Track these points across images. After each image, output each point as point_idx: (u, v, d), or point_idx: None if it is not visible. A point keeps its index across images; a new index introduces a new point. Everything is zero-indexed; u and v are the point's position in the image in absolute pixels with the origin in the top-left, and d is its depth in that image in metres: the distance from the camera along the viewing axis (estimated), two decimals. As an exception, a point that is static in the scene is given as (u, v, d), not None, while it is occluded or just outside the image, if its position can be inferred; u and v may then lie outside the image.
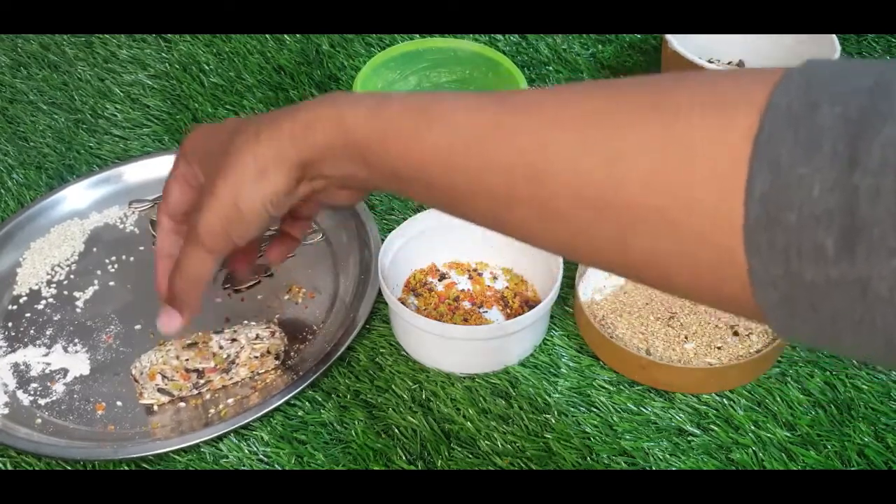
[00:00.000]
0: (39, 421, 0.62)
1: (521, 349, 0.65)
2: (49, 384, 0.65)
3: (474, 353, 0.64)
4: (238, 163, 0.46)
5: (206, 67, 0.93)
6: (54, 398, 0.64)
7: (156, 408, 0.63)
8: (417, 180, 0.42)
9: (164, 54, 0.95)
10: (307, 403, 0.63)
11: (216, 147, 0.49)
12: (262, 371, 0.64)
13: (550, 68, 0.92)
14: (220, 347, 0.63)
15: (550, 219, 0.38)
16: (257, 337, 0.64)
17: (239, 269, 0.57)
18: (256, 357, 0.64)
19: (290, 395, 0.62)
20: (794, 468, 0.59)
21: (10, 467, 0.60)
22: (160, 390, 0.62)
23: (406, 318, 0.64)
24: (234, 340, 0.64)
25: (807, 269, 0.29)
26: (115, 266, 0.74)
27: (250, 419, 0.60)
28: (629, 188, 0.34)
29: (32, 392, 0.64)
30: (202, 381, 0.63)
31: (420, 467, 0.59)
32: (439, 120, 0.41)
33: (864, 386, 0.62)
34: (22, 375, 0.65)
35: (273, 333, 0.65)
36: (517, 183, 0.38)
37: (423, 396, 0.63)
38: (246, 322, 0.66)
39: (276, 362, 0.65)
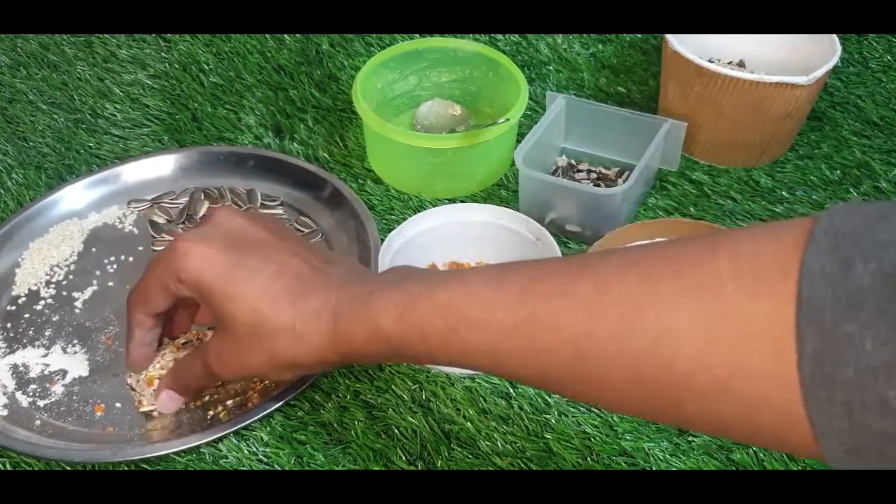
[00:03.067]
0: (38, 423, 0.62)
1: (521, 349, 0.65)
2: (48, 385, 0.65)
3: (474, 353, 0.64)
4: (276, 359, 0.50)
5: (206, 67, 0.93)
6: (53, 399, 0.64)
7: (156, 414, 0.62)
8: (461, 365, 0.44)
9: (163, 54, 0.95)
10: (307, 404, 0.63)
11: (240, 309, 0.50)
12: None
13: (550, 68, 0.92)
14: None
15: (601, 391, 0.39)
16: None
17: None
18: None
19: (290, 396, 0.61)
20: (795, 468, 0.58)
21: (9, 467, 0.60)
22: None
23: (406, 319, 0.64)
24: None
25: (873, 421, 0.30)
26: (114, 266, 0.73)
27: (250, 421, 0.60)
28: (683, 365, 0.35)
29: (31, 393, 0.64)
30: None
31: (420, 467, 0.59)
32: (474, 319, 0.42)
33: (864, 386, 0.62)
34: (21, 377, 0.65)
35: None
36: (564, 363, 0.39)
37: (423, 397, 0.63)
38: None
39: None
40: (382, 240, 0.70)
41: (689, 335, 0.34)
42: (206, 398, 0.63)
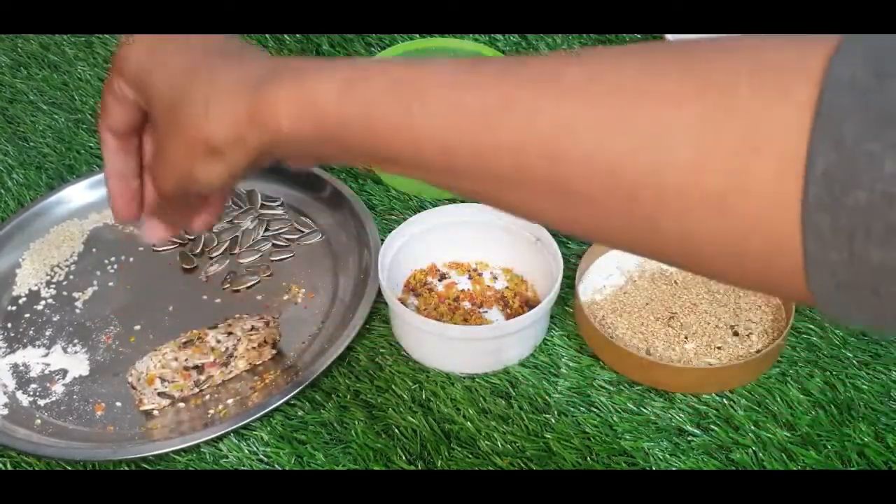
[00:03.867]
0: (39, 422, 0.62)
1: (521, 349, 0.65)
2: (48, 385, 0.65)
3: (474, 353, 0.64)
4: (188, 138, 0.42)
5: (206, 67, 0.93)
6: (54, 399, 0.64)
7: (156, 412, 0.62)
8: (406, 162, 0.37)
9: (163, 54, 0.95)
10: (307, 403, 0.63)
11: (160, 85, 0.44)
12: (260, 363, 0.65)
13: (550, 68, 0.92)
14: (218, 342, 0.63)
15: (566, 201, 0.34)
16: (252, 328, 0.64)
17: (207, 218, 0.53)
18: (254, 347, 0.64)
19: (290, 395, 0.62)
20: (794, 468, 0.59)
21: (10, 467, 0.60)
22: (160, 394, 0.62)
23: (406, 319, 0.64)
24: (230, 334, 0.63)
25: (874, 252, 0.26)
26: (114, 267, 0.73)
27: (250, 419, 0.60)
28: (670, 172, 0.30)
29: (32, 393, 0.64)
30: (203, 378, 0.63)
31: (420, 467, 0.59)
32: (436, 98, 0.35)
33: (864, 386, 0.62)
34: (21, 376, 0.65)
35: (267, 323, 0.65)
36: (530, 164, 0.33)
37: (423, 396, 0.63)
38: (238, 315, 0.65)
39: (274, 352, 0.65)
40: (382, 240, 0.70)
41: (686, 137, 0.30)
42: (207, 397, 0.63)
